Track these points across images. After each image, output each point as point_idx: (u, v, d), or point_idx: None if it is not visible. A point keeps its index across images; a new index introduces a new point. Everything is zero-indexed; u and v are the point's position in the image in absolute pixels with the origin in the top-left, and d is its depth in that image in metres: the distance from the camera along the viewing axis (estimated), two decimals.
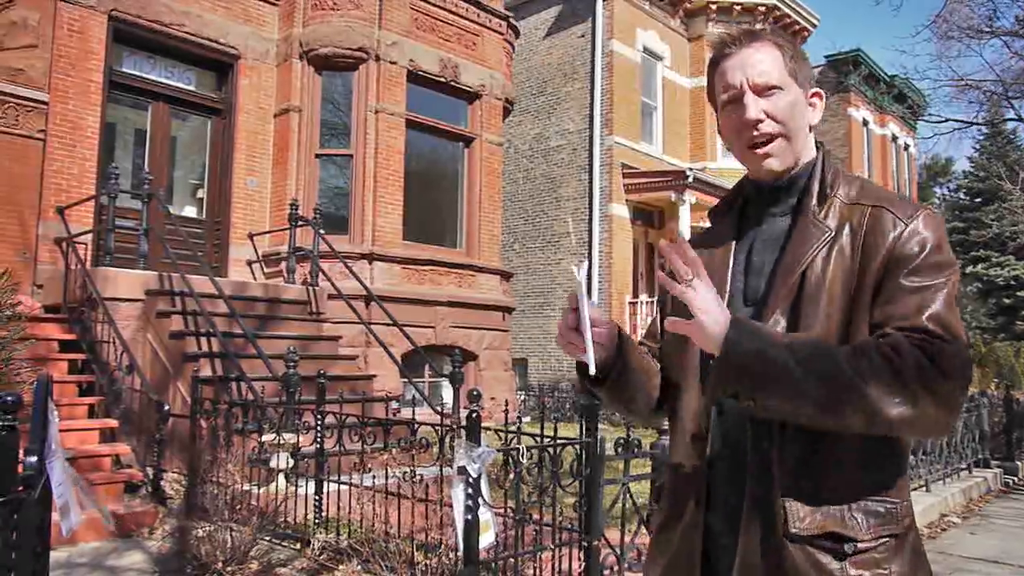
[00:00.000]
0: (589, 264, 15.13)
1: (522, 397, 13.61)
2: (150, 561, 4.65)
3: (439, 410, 6.89)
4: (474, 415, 3.51)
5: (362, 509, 4.24)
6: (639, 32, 16.41)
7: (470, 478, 3.18)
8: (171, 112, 9.74)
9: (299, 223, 9.13)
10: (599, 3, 15.75)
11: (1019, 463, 9.05)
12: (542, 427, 3.96)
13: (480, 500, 3.22)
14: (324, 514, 4.85)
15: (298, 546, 4.67)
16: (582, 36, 16.18)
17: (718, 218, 1.57)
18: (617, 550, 4.08)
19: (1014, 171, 19.15)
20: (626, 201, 15.68)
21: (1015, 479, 8.78)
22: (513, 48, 13.17)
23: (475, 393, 4.10)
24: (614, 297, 15.11)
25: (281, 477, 5.03)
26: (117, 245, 7.69)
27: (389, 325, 8.45)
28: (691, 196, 15.08)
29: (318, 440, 5.02)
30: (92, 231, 8.24)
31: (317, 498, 4.90)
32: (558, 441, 3.86)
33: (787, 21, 18.20)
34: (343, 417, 4.80)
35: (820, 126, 1.51)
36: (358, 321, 8.70)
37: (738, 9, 17.42)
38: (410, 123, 10.65)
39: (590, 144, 15.74)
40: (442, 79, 11.04)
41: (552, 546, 3.81)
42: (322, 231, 9.06)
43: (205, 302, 7.11)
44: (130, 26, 8.97)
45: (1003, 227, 23.67)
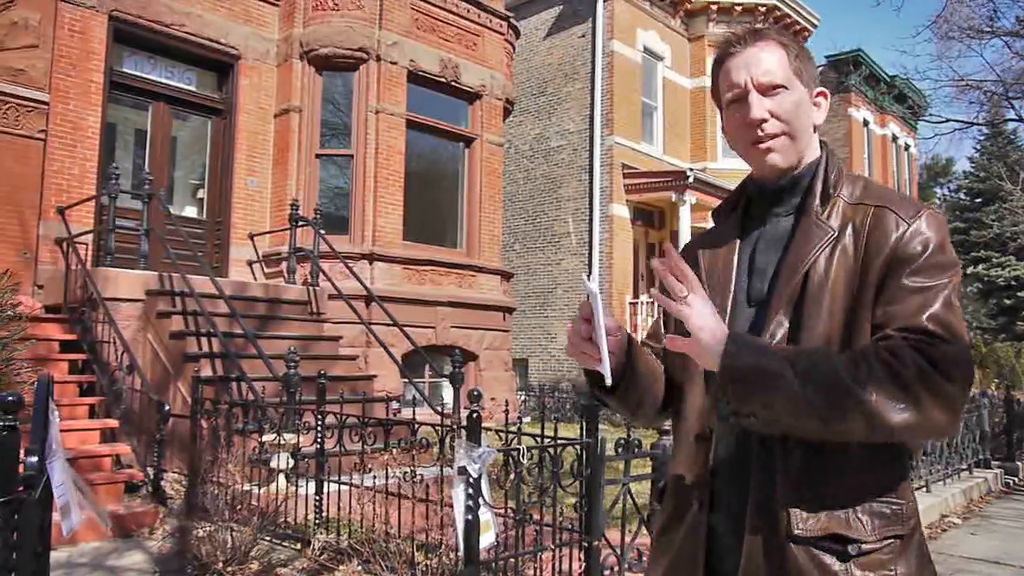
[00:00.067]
0: (589, 264, 15.30)
1: (522, 397, 13.60)
2: (150, 561, 4.65)
3: (439, 410, 6.88)
4: (474, 415, 3.51)
5: (362, 509, 4.24)
6: (639, 32, 16.40)
7: (470, 478, 3.18)
8: (172, 112, 9.74)
9: (299, 223, 9.13)
10: (599, 3, 15.75)
11: (1019, 463, 9.05)
12: (542, 427, 3.96)
13: (480, 500, 3.22)
14: (324, 514, 4.85)
15: (298, 546, 4.67)
16: (582, 36, 16.18)
17: (721, 218, 1.56)
18: (617, 550, 4.08)
19: (1014, 171, 19.15)
20: (626, 201, 15.68)
21: (1015, 479, 8.78)
22: (514, 48, 13.17)
23: (475, 393, 4.10)
24: (614, 297, 15.11)
25: (281, 477, 5.04)
26: (118, 245, 7.69)
27: (389, 325, 8.46)
28: (691, 196, 15.08)
29: (318, 440, 5.02)
30: (93, 231, 8.24)
31: (317, 498, 4.91)
32: (558, 441, 3.86)
33: (787, 21, 18.19)
34: (343, 417, 4.80)
35: (821, 126, 1.50)
36: (358, 321, 8.70)
37: (738, 9, 17.42)
38: (410, 123, 10.65)
39: (590, 144, 15.74)
40: (442, 79, 11.04)
41: (552, 546, 3.80)
42: (322, 231, 9.06)
43: (205, 302, 7.11)
44: (131, 26, 8.97)
45: (1004, 227, 23.68)
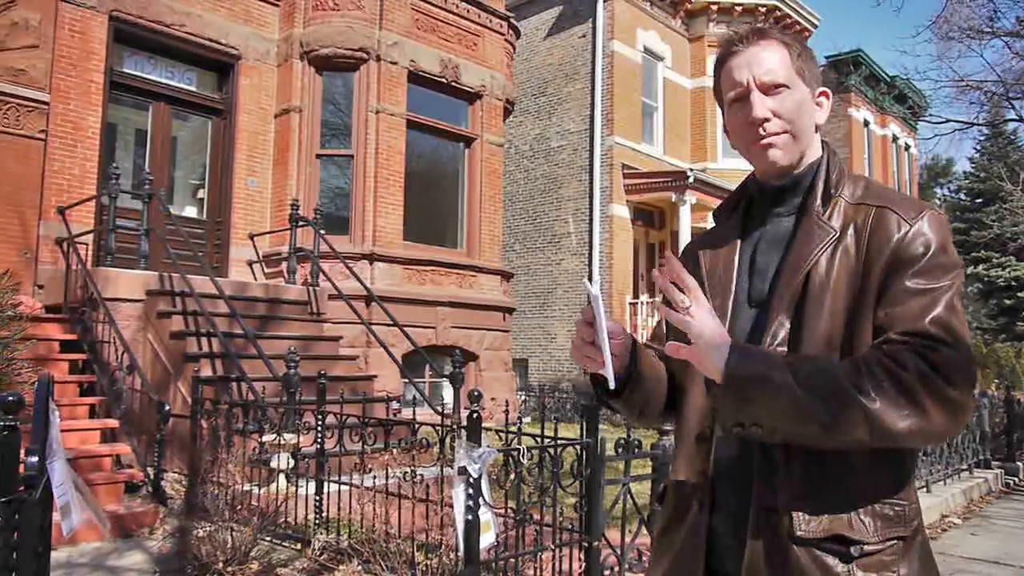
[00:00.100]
0: (590, 264, 15.30)
1: (523, 397, 13.60)
2: (151, 561, 4.65)
3: (440, 410, 6.88)
4: (475, 415, 3.51)
5: (363, 509, 4.24)
6: (640, 33, 16.40)
7: (471, 478, 3.18)
8: (172, 112, 9.75)
9: (300, 223, 9.13)
10: (600, 4, 15.75)
11: (1020, 464, 9.05)
12: (542, 427, 3.96)
13: (481, 500, 3.22)
14: (325, 514, 4.85)
15: (299, 546, 4.67)
16: (583, 36, 16.17)
17: (722, 218, 1.55)
18: (618, 551, 4.08)
19: (1015, 172, 19.14)
20: (627, 201, 15.68)
21: (1016, 480, 8.78)
22: (514, 48, 13.17)
23: (475, 393, 4.09)
24: (615, 297, 15.10)
25: (282, 477, 5.04)
26: (118, 245, 7.69)
27: (390, 325, 8.46)
28: (692, 196, 15.08)
29: (319, 440, 5.02)
30: (93, 231, 8.25)
31: (318, 498, 4.91)
32: (559, 441, 3.86)
33: (788, 21, 18.19)
34: (344, 417, 4.80)
35: (822, 126, 1.50)
36: (359, 321, 8.70)
37: (739, 10, 17.42)
38: (411, 123, 10.65)
39: (591, 144, 15.73)
40: (443, 79, 11.04)
41: (553, 546, 3.80)
42: (323, 231, 9.06)
43: (206, 302, 7.11)
44: (131, 26, 8.98)
45: (1004, 228, 23.69)
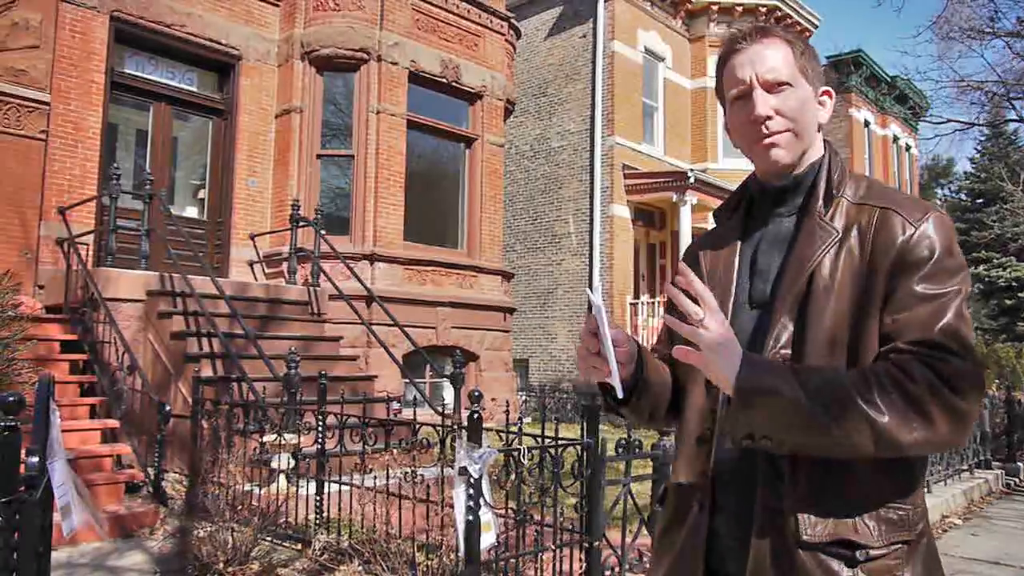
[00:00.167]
0: (590, 264, 15.30)
1: (523, 398, 13.60)
2: (151, 561, 4.65)
3: (440, 411, 6.88)
4: (475, 416, 3.52)
5: (363, 510, 4.24)
6: (640, 33, 16.40)
7: (471, 479, 3.18)
8: (173, 113, 9.75)
9: (300, 224, 9.14)
10: (600, 4, 15.75)
11: (1020, 464, 9.04)
12: (543, 428, 3.96)
13: (481, 501, 3.22)
14: (325, 515, 4.85)
15: (299, 547, 4.67)
16: (583, 37, 16.17)
17: (723, 218, 1.54)
18: (618, 551, 4.08)
19: (1015, 172, 19.15)
20: (627, 202, 15.67)
21: (1016, 480, 8.77)
22: (514, 49, 13.18)
23: (476, 394, 4.09)
24: (615, 298, 15.10)
25: (282, 478, 5.04)
26: (119, 246, 7.69)
27: (390, 326, 8.46)
28: (692, 197, 15.07)
29: (319, 441, 5.02)
30: (94, 231, 8.25)
31: (318, 499, 4.91)
32: (559, 442, 3.86)
33: (788, 21, 18.18)
34: (344, 418, 4.80)
35: (824, 125, 1.49)
36: (359, 322, 8.70)
37: (739, 10, 17.41)
38: (411, 124, 10.66)
39: (591, 145, 15.73)
40: (443, 80, 11.04)
41: (553, 547, 3.80)
42: (323, 232, 9.07)
43: (206, 303, 7.12)
44: (132, 27, 8.98)
45: (1004, 228, 23.71)
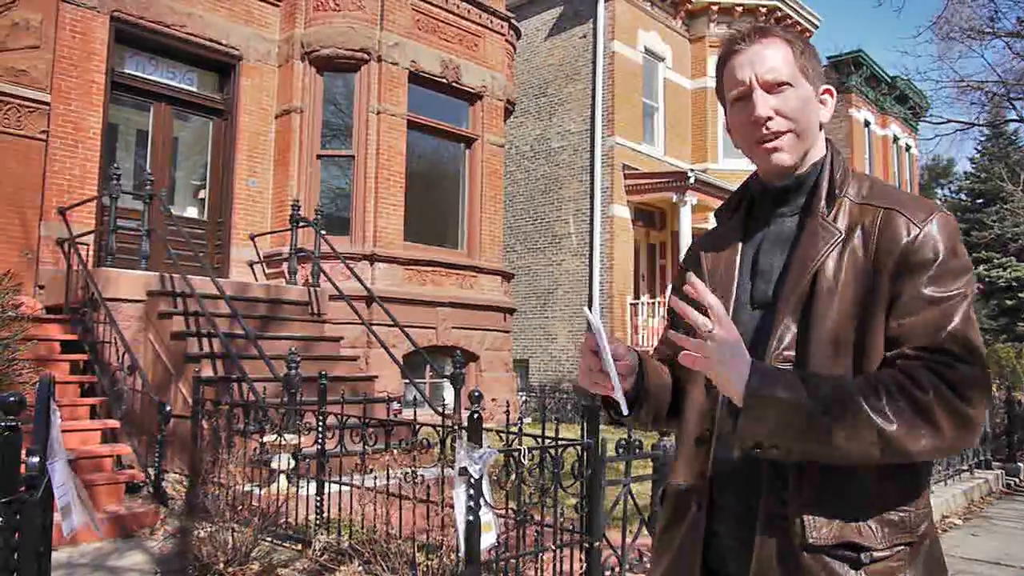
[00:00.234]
0: (590, 265, 15.30)
1: (523, 398, 13.60)
2: (151, 561, 4.65)
3: (440, 411, 6.89)
4: (475, 416, 3.52)
5: (363, 510, 4.24)
6: (640, 33, 16.40)
7: (471, 479, 3.18)
8: (173, 113, 9.75)
9: (300, 224, 9.14)
10: (600, 4, 15.75)
11: (1020, 464, 9.04)
12: (543, 428, 3.96)
13: (482, 501, 3.22)
14: (325, 515, 4.85)
15: (299, 547, 4.67)
16: (583, 37, 16.17)
17: (724, 219, 1.53)
18: (618, 551, 4.08)
19: (1015, 172, 19.16)
20: (627, 202, 15.67)
21: (1016, 480, 8.77)
22: (515, 49, 13.18)
23: (476, 394, 4.10)
24: (615, 298, 15.10)
25: (282, 478, 5.04)
26: (119, 246, 7.69)
27: (390, 326, 8.46)
28: (692, 197, 15.07)
29: (319, 441, 5.02)
30: (94, 232, 8.25)
31: (318, 499, 4.91)
32: (559, 442, 3.86)
33: (788, 22, 18.18)
34: (344, 418, 4.80)
35: (825, 125, 1.49)
36: (359, 322, 8.70)
37: (739, 10, 17.42)
38: (411, 124, 10.66)
39: (591, 145, 15.73)
40: (443, 80, 11.04)
41: (553, 547, 3.80)
42: (323, 232, 9.07)
43: (207, 303, 7.12)
44: (132, 27, 8.98)
45: (1004, 228, 23.71)
